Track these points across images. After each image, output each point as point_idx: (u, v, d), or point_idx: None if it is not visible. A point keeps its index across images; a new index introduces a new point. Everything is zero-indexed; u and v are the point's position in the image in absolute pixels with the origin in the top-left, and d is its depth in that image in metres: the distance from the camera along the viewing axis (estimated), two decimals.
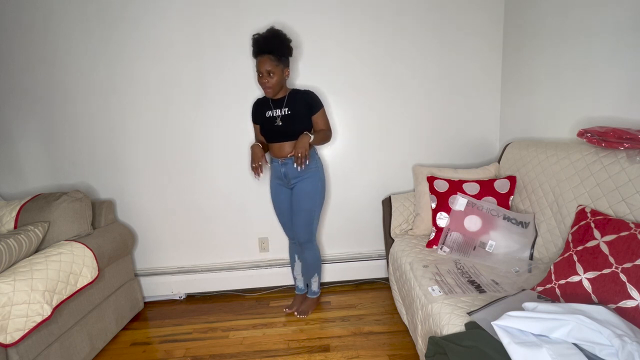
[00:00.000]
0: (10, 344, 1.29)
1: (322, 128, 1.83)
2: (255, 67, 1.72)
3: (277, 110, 1.78)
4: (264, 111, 1.81)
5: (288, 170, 1.81)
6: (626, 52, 1.31)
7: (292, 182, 1.84)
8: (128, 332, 1.99)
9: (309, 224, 1.88)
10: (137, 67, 2.01)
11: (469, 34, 2.05)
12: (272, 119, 1.78)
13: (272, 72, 1.69)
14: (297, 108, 1.77)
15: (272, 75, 1.69)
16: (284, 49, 1.71)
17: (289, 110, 1.77)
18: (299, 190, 1.83)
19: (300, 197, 1.83)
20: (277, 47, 1.69)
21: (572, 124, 1.59)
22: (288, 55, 1.75)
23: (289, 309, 2.05)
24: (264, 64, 1.67)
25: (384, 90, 2.11)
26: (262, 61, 1.68)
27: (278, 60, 1.70)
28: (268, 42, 1.67)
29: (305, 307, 2.03)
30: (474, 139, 2.20)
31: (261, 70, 1.68)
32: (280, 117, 1.76)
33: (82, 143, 2.10)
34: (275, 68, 1.69)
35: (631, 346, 0.78)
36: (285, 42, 1.72)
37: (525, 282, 1.33)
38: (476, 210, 1.64)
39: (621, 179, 1.18)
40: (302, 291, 2.12)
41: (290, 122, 1.76)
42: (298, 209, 1.85)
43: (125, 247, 2.02)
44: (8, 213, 1.76)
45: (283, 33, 1.73)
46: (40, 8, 1.93)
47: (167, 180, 2.16)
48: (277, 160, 1.83)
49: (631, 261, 0.97)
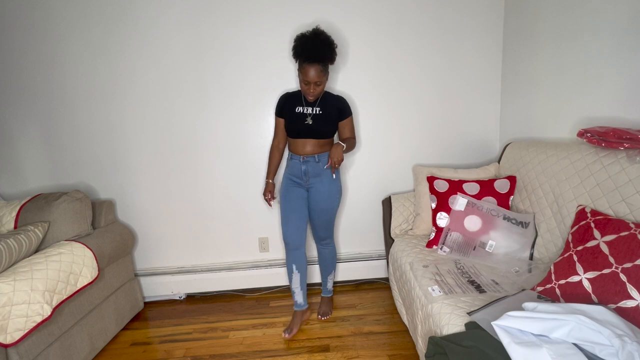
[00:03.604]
0: (10, 344, 1.29)
1: (348, 136, 1.82)
2: (300, 73, 1.63)
3: (309, 108, 1.74)
4: (294, 106, 1.76)
5: (309, 168, 1.77)
6: (626, 52, 1.31)
7: (311, 182, 1.80)
8: (128, 332, 1.99)
9: (330, 222, 1.88)
10: (137, 67, 2.01)
11: (469, 34, 2.05)
12: (303, 116, 1.73)
13: (320, 81, 1.62)
14: (329, 110, 1.75)
15: (318, 84, 1.63)
16: (333, 57, 1.65)
17: (320, 111, 1.73)
18: (318, 192, 1.79)
19: (321, 198, 1.79)
20: (328, 56, 1.61)
21: (572, 124, 1.59)
22: (334, 61, 1.68)
23: (289, 333, 1.81)
24: (313, 74, 1.58)
25: (384, 91, 2.11)
26: (310, 70, 1.58)
27: (326, 69, 1.64)
28: (320, 50, 1.57)
29: (327, 307, 2.01)
30: (474, 139, 2.20)
31: (309, 80, 1.60)
32: (311, 116, 1.72)
33: (82, 143, 2.10)
34: (322, 77, 1.62)
35: (631, 346, 0.78)
36: (335, 51, 1.65)
37: (525, 282, 1.33)
38: (476, 210, 1.64)
39: (621, 179, 1.18)
40: (302, 307, 1.92)
41: (320, 122, 1.73)
42: (319, 210, 1.81)
43: (125, 247, 2.02)
44: (8, 213, 1.75)
45: (332, 39, 1.63)
46: (40, 8, 1.93)
47: (168, 180, 2.16)
48: (297, 157, 1.78)
49: (631, 261, 0.97)
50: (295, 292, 1.89)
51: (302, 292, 1.90)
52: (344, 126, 1.81)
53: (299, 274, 1.86)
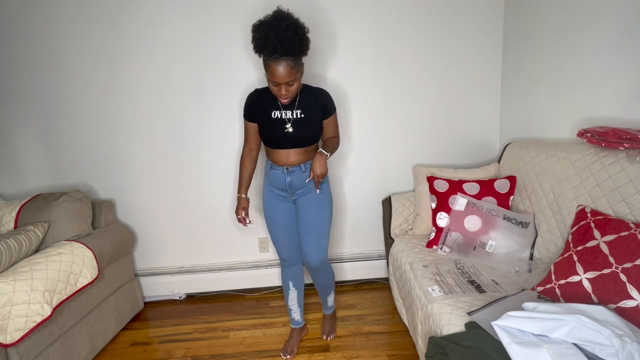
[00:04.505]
0: (10, 344, 1.29)
1: (332, 135, 1.57)
2: (266, 71, 1.32)
3: (287, 112, 1.45)
4: (269, 109, 1.46)
5: (294, 180, 1.51)
6: (626, 52, 1.31)
7: (297, 194, 1.55)
8: (128, 332, 1.99)
9: (320, 240, 1.56)
10: (136, 67, 2.01)
11: (469, 33, 2.05)
12: (281, 123, 1.45)
13: (293, 80, 1.32)
14: (312, 111, 1.46)
15: (291, 84, 1.33)
16: (305, 47, 1.32)
17: (302, 114, 1.45)
18: (306, 203, 1.54)
19: (309, 210, 1.54)
20: (298, 48, 1.29)
21: (572, 124, 1.59)
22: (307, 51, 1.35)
23: (290, 355, 1.67)
24: (282, 72, 1.27)
25: (384, 90, 2.11)
26: (278, 68, 1.26)
27: (298, 64, 1.32)
28: (286, 42, 1.24)
29: (331, 326, 1.83)
30: (474, 139, 2.20)
31: (278, 81, 1.30)
32: (291, 122, 1.44)
33: (82, 143, 2.10)
34: (295, 74, 1.31)
35: (631, 346, 0.78)
36: (306, 38, 1.32)
37: (525, 282, 1.33)
38: (476, 210, 1.64)
39: (621, 179, 1.18)
40: (299, 324, 1.78)
41: (304, 128, 1.45)
42: (306, 224, 1.54)
43: (125, 247, 2.02)
44: (8, 213, 1.76)
45: (301, 23, 1.30)
46: (39, 7, 1.93)
47: (167, 180, 2.16)
48: (280, 168, 1.51)
49: (631, 261, 0.97)
50: (292, 310, 1.74)
51: (300, 310, 1.75)
52: (328, 124, 1.54)
53: (296, 291, 1.71)
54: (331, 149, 1.49)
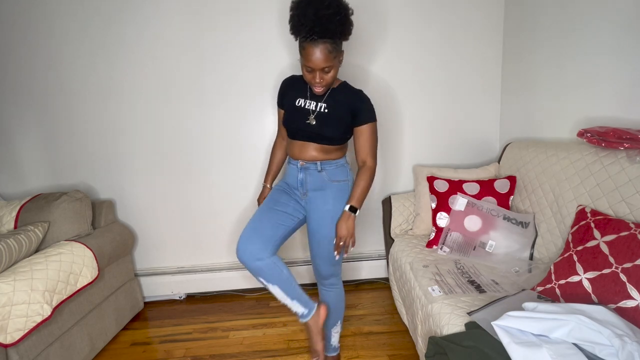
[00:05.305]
0: (10, 344, 1.29)
1: (366, 154, 1.33)
2: (301, 55, 1.19)
3: (312, 103, 1.32)
4: (296, 97, 1.35)
5: (308, 178, 1.36)
6: (626, 52, 1.31)
7: (310, 197, 1.38)
8: (128, 332, 1.99)
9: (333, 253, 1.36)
10: (136, 67, 2.01)
11: (469, 33, 2.05)
12: (304, 112, 1.32)
13: (329, 66, 1.18)
14: (338, 110, 1.30)
15: (327, 70, 1.19)
16: (346, 30, 1.18)
17: (326, 109, 1.30)
18: (320, 213, 1.35)
19: (324, 221, 1.34)
20: (339, 30, 1.14)
21: (572, 124, 1.59)
22: (349, 35, 1.21)
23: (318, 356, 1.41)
24: (319, 56, 1.14)
25: (384, 90, 2.11)
26: (314, 51, 1.13)
27: (337, 49, 1.17)
28: (326, 21, 1.10)
29: None
30: (474, 139, 2.20)
31: (312, 66, 1.17)
32: (314, 114, 1.31)
33: (82, 143, 2.10)
34: (332, 60, 1.17)
35: (631, 346, 0.78)
36: (349, 20, 1.18)
37: (525, 282, 1.33)
38: (476, 210, 1.64)
39: (621, 179, 1.18)
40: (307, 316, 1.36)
41: (325, 125, 1.30)
42: (321, 238, 1.35)
43: (125, 247, 2.02)
44: (8, 213, 1.76)
45: (345, 1, 1.17)
46: (38, 7, 1.93)
47: (167, 180, 2.16)
48: (295, 162, 1.39)
49: (631, 261, 0.97)
50: (287, 305, 1.36)
51: (297, 301, 1.34)
52: (360, 136, 1.32)
53: (275, 285, 1.31)
54: (358, 198, 1.29)
